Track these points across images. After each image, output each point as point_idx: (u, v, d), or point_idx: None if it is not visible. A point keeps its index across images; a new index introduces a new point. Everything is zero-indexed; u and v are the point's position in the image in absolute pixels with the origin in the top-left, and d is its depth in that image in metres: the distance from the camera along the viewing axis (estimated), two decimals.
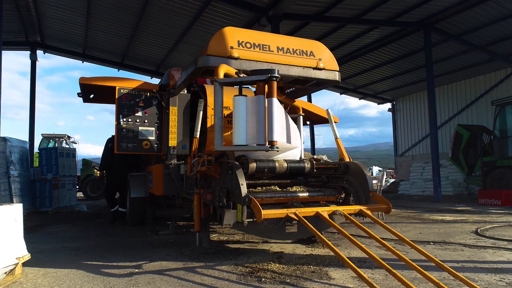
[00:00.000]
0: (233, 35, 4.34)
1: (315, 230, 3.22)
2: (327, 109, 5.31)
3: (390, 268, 2.62)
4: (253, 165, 4.16)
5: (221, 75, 3.81)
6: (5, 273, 3.04)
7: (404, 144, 20.37)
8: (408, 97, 20.01)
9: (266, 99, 3.66)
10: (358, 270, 2.67)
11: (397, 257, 2.91)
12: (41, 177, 10.05)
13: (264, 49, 4.44)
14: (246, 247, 4.68)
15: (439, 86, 17.29)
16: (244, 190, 3.49)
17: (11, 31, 13.61)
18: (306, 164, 4.53)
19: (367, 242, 4.84)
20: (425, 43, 12.51)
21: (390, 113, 21.43)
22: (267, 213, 3.33)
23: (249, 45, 4.37)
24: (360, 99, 20.98)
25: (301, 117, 5.38)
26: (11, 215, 3.08)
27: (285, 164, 4.38)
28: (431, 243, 4.84)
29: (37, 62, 14.91)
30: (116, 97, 5.41)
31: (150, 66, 16.79)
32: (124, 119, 5.43)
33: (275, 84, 3.67)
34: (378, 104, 21.80)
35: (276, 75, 3.65)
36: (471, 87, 16.88)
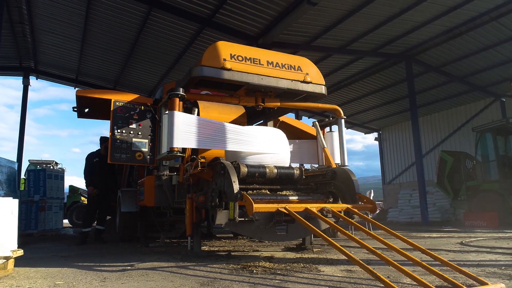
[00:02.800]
0: (226, 48, 4.65)
1: (303, 220, 3.35)
2: (314, 121, 5.56)
3: (381, 254, 2.75)
4: (244, 170, 4.31)
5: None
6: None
7: (391, 172, 20.70)
8: (393, 127, 20.57)
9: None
10: (347, 252, 2.79)
11: (387, 247, 3.05)
12: (28, 198, 9.91)
13: (255, 62, 4.73)
14: (237, 254, 4.73)
15: (422, 116, 17.88)
16: (236, 186, 3.63)
17: (5, 57, 13.87)
18: (295, 171, 4.70)
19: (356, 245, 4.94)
20: (407, 74, 13.12)
21: (376, 146, 21.93)
22: (258, 206, 3.46)
23: (240, 58, 4.66)
24: (347, 128, 21.50)
25: (343, 120, 5.30)
26: (8, 207, 3.15)
27: (275, 170, 4.55)
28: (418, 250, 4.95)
29: (29, 86, 15.10)
30: (112, 109, 5.57)
31: (142, 93, 17.09)
32: (118, 131, 5.57)
33: (175, 100, 4.41)
34: (365, 133, 22.32)
35: (176, 93, 4.41)
36: (452, 117, 17.51)
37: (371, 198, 8.84)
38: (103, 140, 7.39)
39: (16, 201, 3.34)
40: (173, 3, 9.82)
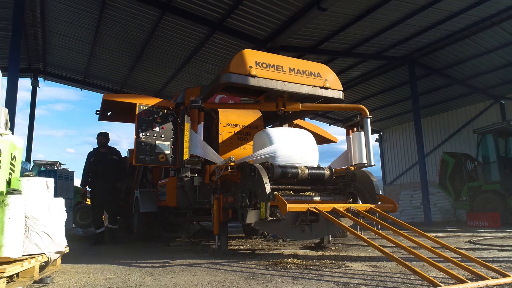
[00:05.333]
0: (252, 56, 4.89)
1: (336, 219, 3.59)
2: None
3: (411, 249, 3.00)
4: (278, 170, 4.48)
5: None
6: (50, 260, 3.27)
7: (392, 173, 20.99)
8: (394, 128, 20.87)
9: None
10: (385, 250, 3.04)
11: (417, 245, 3.31)
12: None
13: (278, 69, 4.98)
14: (261, 252, 4.96)
15: (423, 118, 18.18)
16: (268, 187, 3.86)
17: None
18: (326, 171, 4.87)
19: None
20: (410, 77, 13.45)
21: (374, 148, 22.22)
22: (291, 206, 3.69)
23: (265, 65, 4.90)
24: None
25: (368, 119, 5.43)
26: (60, 205, 3.37)
27: (307, 171, 4.71)
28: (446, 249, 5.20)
29: (38, 88, 15.30)
30: (136, 112, 5.79)
31: (148, 94, 17.27)
32: (143, 134, 5.79)
33: (193, 111, 5.07)
34: None
35: (193, 105, 5.01)
36: (453, 118, 17.83)
37: None
38: (99, 135, 7.27)
39: (63, 201, 3.55)
40: (186, 7, 10.05)
